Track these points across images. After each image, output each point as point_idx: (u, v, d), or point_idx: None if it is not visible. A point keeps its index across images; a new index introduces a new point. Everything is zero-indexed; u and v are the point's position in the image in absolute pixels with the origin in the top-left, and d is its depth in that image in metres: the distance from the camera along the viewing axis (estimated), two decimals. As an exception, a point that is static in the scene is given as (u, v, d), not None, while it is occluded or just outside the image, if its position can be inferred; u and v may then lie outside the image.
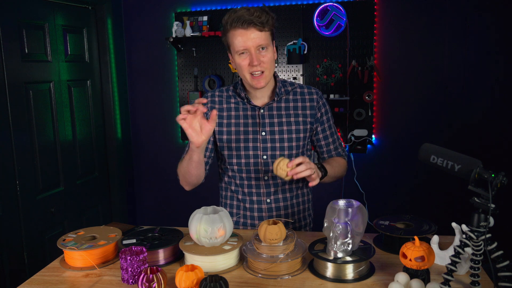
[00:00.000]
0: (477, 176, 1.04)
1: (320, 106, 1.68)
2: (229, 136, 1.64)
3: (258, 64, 1.51)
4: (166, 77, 3.50)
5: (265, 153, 1.63)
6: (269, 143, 1.62)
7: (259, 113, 1.63)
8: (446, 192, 3.10)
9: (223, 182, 1.75)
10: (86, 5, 3.13)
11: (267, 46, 1.52)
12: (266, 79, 1.55)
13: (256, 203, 1.68)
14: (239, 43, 1.49)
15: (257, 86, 1.55)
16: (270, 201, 1.67)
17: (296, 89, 1.68)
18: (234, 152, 1.65)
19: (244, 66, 1.52)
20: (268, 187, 1.66)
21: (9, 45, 2.45)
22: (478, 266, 1.08)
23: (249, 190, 1.68)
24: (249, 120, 1.64)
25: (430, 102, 3.07)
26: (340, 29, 3.06)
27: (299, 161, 1.40)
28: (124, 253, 1.26)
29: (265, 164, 1.63)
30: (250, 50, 1.49)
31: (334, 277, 1.23)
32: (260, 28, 1.48)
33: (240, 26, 1.47)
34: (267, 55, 1.52)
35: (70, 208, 2.96)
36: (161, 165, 3.60)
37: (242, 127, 1.63)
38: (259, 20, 1.47)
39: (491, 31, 2.91)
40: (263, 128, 1.63)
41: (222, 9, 3.27)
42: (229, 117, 1.65)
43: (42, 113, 2.70)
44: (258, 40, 1.48)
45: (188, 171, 1.56)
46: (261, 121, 1.63)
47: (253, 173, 1.65)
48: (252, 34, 1.48)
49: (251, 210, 1.69)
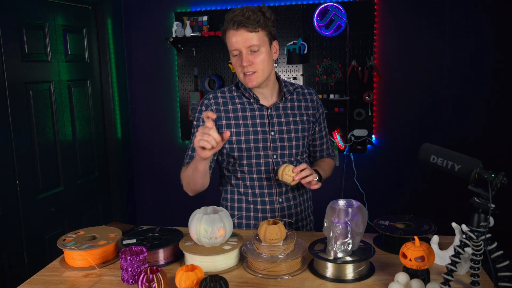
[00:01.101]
0: (477, 176, 1.04)
1: (318, 107, 1.73)
2: (238, 137, 1.62)
3: (249, 65, 1.51)
4: (166, 77, 3.50)
5: (275, 153, 1.64)
6: (278, 143, 1.63)
7: (267, 113, 1.64)
8: (446, 192, 3.10)
9: (229, 185, 1.72)
10: (86, 5, 3.13)
11: (260, 47, 1.51)
12: (258, 79, 1.55)
13: (269, 204, 1.67)
14: (231, 44, 1.52)
15: (249, 85, 1.56)
16: (282, 200, 1.67)
17: (298, 89, 1.71)
18: (244, 153, 1.63)
19: (237, 66, 1.56)
20: (280, 187, 1.67)
21: (9, 45, 2.45)
22: (478, 266, 1.08)
23: (261, 191, 1.66)
24: (257, 120, 1.63)
25: (430, 102, 3.07)
26: (340, 29, 3.06)
27: (303, 167, 1.48)
28: (124, 253, 1.26)
29: (276, 164, 1.64)
30: (241, 50, 1.51)
31: (334, 277, 1.23)
32: (250, 29, 1.48)
33: (231, 27, 1.50)
34: (259, 56, 1.52)
35: (70, 208, 2.96)
36: (161, 165, 3.60)
37: (251, 127, 1.63)
38: (249, 21, 1.47)
39: (491, 31, 2.91)
40: (272, 127, 1.63)
41: (222, 9, 3.27)
42: (237, 118, 1.63)
43: (42, 113, 2.70)
44: (248, 42, 1.49)
45: (193, 180, 1.56)
46: (270, 121, 1.63)
47: (264, 173, 1.65)
48: (242, 36, 1.49)
49: (263, 211, 1.67)
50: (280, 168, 1.50)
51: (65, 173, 2.90)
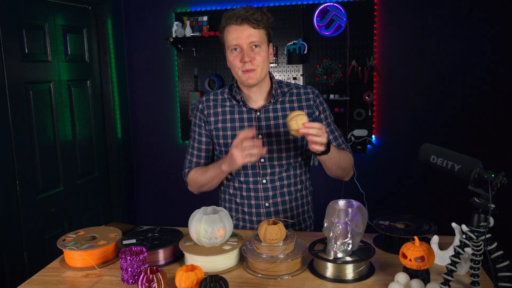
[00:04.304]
0: (477, 176, 1.04)
1: (317, 105, 1.65)
2: (225, 140, 1.63)
3: (249, 61, 1.49)
4: (166, 77, 3.50)
5: (262, 157, 1.60)
6: (266, 146, 1.60)
7: (255, 116, 1.61)
8: (446, 192, 3.10)
9: (222, 185, 1.74)
10: (86, 5, 3.13)
11: (260, 45, 1.51)
12: (257, 77, 1.52)
13: (255, 207, 1.65)
14: (232, 38, 1.49)
15: (248, 82, 1.53)
16: (268, 205, 1.64)
17: (293, 90, 1.66)
18: None
19: (236, 62, 1.52)
20: (267, 191, 1.63)
21: (9, 45, 2.45)
22: (478, 266, 1.08)
23: (248, 193, 1.65)
24: (245, 123, 1.61)
25: (430, 102, 3.07)
26: (340, 29, 3.06)
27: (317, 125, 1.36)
28: (124, 253, 1.26)
29: (263, 168, 1.62)
30: (242, 46, 1.49)
31: (334, 277, 1.23)
32: (254, 26, 1.48)
33: (234, 22, 1.48)
34: (260, 53, 1.51)
35: (70, 208, 2.96)
36: (161, 165, 3.60)
37: (238, 130, 1.61)
38: (253, 17, 1.47)
39: (491, 31, 2.91)
40: (259, 131, 1.61)
41: (222, 9, 3.27)
42: (224, 121, 1.63)
43: (42, 113, 2.70)
44: (251, 37, 1.48)
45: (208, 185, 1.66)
46: (258, 124, 1.61)
47: (251, 176, 1.63)
48: (245, 31, 1.48)
49: (250, 214, 1.67)
50: (292, 113, 1.38)
51: (65, 173, 2.90)
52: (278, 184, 1.64)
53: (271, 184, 1.63)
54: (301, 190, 1.70)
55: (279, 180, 1.64)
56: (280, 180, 1.64)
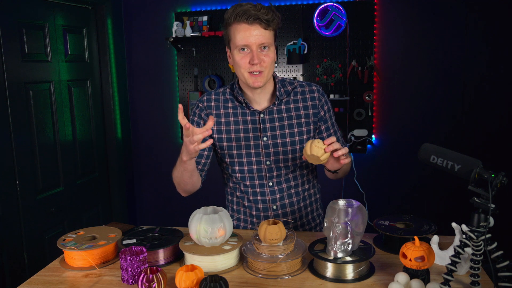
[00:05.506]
0: (477, 176, 1.04)
1: (322, 104, 1.60)
2: (229, 143, 1.57)
3: (258, 63, 1.42)
4: (166, 77, 3.49)
5: (268, 159, 1.57)
6: (271, 149, 1.56)
7: (259, 118, 1.55)
8: (446, 192, 3.10)
9: (228, 187, 1.70)
10: (86, 5, 3.13)
11: (270, 46, 1.45)
12: (264, 79, 1.47)
13: (262, 211, 1.62)
14: (241, 38, 1.42)
15: (254, 85, 1.46)
16: (276, 207, 1.61)
17: (297, 88, 1.60)
18: (236, 160, 1.58)
19: (243, 63, 1.44)
20: (274, 194, 1.60)
21: (9, 45, 2.45)
22: (478, 266, 1.08)
23: (254, 197, 1.61)
24: (249, 125, 1.56)
25: (430, 102, 3.07)
26: (340, 29, 3.06)
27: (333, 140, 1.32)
28: (124, 253, 1.26)
29: (269, 170, 1.58)
30: (251, 47, 1.42)
31: (334, 277, 1.23)
32: (265, 26, 1.41)
33: (245, 20, 1.40)
34: (268, 55, 1.44)
35: (70, 208, 2.96)
36: (161, 165, 3.60)
37: (242, 133, 1.56)
38: (265, 17, 1.40)
39: (491, 31, 2.91)
40: (264, 133, 1.55)
41: (222, 9, 3.27)
42: (228, 123, 1.57)
43: (42, 113, 2.70)
44: (261, 38, 1.41)
45: (183, 181, 1.54)
46: (262, 126, 1.55)
47: (257, 180, 1.59)
48: (256, 31, 1.41)
49: (258, 218, 1.64)
50: (307, 143, 1.32)
51: (65, 173, 2.90)
52: (285, 186, 1.61)
53: (277, 187, 1.60)
54: (309, 189, 1.67)
55: (285, 181, 1.61)
56: (286, 181, 1.61)
